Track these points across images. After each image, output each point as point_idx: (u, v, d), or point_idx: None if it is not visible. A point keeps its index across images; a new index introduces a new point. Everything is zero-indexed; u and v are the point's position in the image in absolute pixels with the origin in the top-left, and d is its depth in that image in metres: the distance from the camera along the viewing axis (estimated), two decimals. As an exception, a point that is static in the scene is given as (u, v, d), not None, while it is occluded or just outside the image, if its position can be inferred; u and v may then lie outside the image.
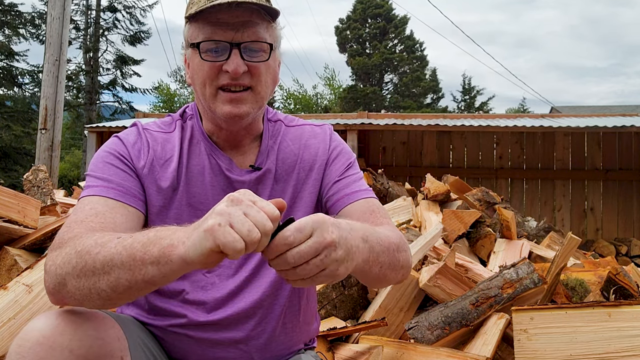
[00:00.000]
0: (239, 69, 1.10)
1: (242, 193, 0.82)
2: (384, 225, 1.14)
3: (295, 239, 0.79)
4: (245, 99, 1.14)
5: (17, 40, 17.28)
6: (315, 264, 0.80)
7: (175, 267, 0.82)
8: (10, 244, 2.27)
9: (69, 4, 6.92)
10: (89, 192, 1.11)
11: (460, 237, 3.20)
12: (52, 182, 5.15)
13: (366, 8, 31.06)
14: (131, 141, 1.19)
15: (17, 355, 0.87)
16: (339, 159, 1.27)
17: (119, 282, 0.86)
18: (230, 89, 1.13)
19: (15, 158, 15.20)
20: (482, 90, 33.62)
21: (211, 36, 1.11)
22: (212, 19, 1.10)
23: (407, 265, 1.12)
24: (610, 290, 2.11)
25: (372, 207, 1.20)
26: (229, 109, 1.13)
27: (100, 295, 0.89)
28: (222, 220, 0.77)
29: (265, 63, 1.14)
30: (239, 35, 1.10)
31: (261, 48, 1.13)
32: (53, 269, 0.93)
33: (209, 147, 1.22)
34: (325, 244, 0.80)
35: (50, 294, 0.95)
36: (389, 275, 1.05)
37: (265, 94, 1.18)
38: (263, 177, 1.22)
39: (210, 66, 1.12)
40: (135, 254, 0.84)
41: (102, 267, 0.87)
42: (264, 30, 1.13)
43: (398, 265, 1.07)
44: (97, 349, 0.92)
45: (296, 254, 0.79)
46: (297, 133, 1.30)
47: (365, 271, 0.97)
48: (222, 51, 1.11)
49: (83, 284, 0.89)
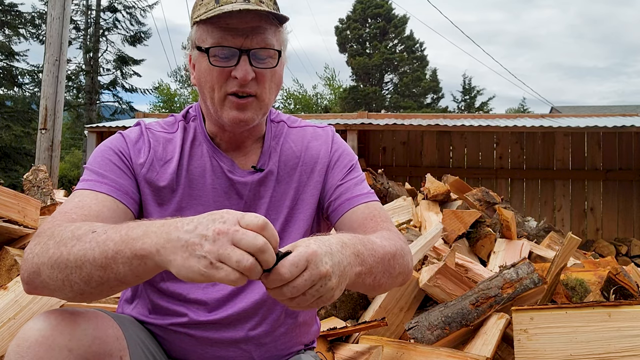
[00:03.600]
0: (247, 76, 1.10)
1: (224, 219, 0.78)
2: (383, 230, 1.15)
3: (292, 275, 0.80)
4: (250, 106, 1.14)
5: (17, 40, 17.29)
6: (311, 294, 0.82)
7: (149, 269, 0.84)
8: (10, 244, 2.27)
9: (69, 4, 6.92)
10: (83, 185, 1.12)
11: (460, 237, 3.20)
12: (52, 182, 5.15)
13: (366, 8, 31.06)
14: (133, 139, 1.20)
15: (16, 355, 0.87)
16: (341, 162, 1.28)
17: (92, 277, 0.87)
18: (237, 95, 1.13)
19: (15, 158, 15.20)
20: (482, 90, 33.62)
21: (220, 42, 1.10)
22: (221, 24, 1.10)
23: (405, 271, 1.12)
24: (610, 290, 2.11)
25: (373, 211, 1.20)
26: (235, 114, 1.14)
27: (73, 288, 0.89)
28: (212, 257, 0.76)
29: (271, 70, 1.15)
30: (248, 41, 1.10)
31: (269, 55, 1.14)
32: (30, 257, 0.93)
33: (211, 149, 1.22)
34: (320, 275, 0.82)
35: (24, 282, 0.95)
36: (385, 284, 1.06)
37: (270, 100, 1.19)
38: (265, 179, 1.23)
39: (219, 71, 1.12)
40: (107, 252, 0.84)
41: (75, 261, 0.87)
42: (272, 35, 1.14)
43: (394, 273, 1.07)
44: (96, 349, 0.92)
45: (293, 288, 0.80)
46: (300, 134, 1.30)
47: (357, 283, 0.99)
48: (231, 57, 1.11)
49: (57, 275, 0.88)
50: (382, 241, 1.06)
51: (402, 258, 1.10)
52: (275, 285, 0.81)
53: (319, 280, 0.82)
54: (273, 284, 0.81)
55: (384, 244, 1.05)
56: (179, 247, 0.78)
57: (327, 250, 0.85)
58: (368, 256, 0.98)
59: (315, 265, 0.81)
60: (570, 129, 6.36)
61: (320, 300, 0.84)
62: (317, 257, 0.82)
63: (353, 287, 1.02)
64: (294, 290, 0.80)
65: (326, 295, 0.84)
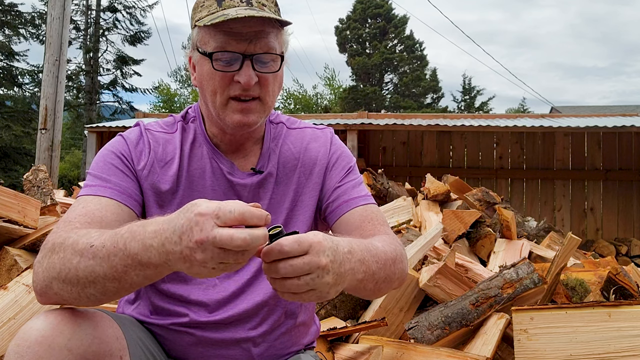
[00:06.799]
0: (251, 81, 1.10)
1: (200, 226, 0.78)
2: (380, 234, 1.15)
3: (291, 250, 0.81)
4: (254, 108, 1.14)
5: (17, 40, 17.30)
6: (305, 281, 0.82)
7: (163, 272, 0.87)
8: (10, 244, 2.27)
9: (69, 4, 6.92)
10: (86, 191, 1.12)
11: (460, 237, 3.20)
12: (52, 182, 5.15)
13: (366, 8, 31.06)
14: (134, 141, 1.20)
15: (16, 355, 0.87)
16: (339, 163, 1.28)
17: (107, 289, 0.89)
18: (240, 98, 1.13)
19: (15, 158, 15.21)
20: (482, 90, 33.65)
21: (224, 46, 1.10)
22: (224, 28, 1.09)
23: (402, 276, 1.13)
24: (610, 290, 2.11)
25: (370, 214, 1.20)
26: (239, 118, 1.14)
27: (90, 299, 0.92)
28: (211, 264, 0.78)
29: (274, 73, 1.15)
30: (251, 46, 1.10)
31: (272, 58, 1.13)
32: (40, 271, 0.94)
33: (211, 151, 1.22)
34: (318, 265, 0.82)
35: (37, 294, 0.96)
36: (384, 289, 1.07)
37: (273, 103, 1.19)
38: (264, 181, 1.23)
39: (222, 76, 1.12)
40: (116, 267, 0.86)
41: (86, 277, 0.88)
42: (275, 39, 1.13)
43: (394, 279, 1.08)
44: (96, 349, 0.92)
45: (289, 265, 0.81)
46: (299, 136, 1.30)
47: (359, 288, 0.99)
48: (234, 61, 1.11)
49: (71, 289, 0.91)
50: (383, 246, 1.06)
51: (401, 263, 1.11)
52: (273, 258, 0.81)
53: (316, 269, 0.82)
54: (271, 256, 0.81)
55: (385, 249, 1.05)
56: (179, 259, 0.80)
57: (332, 247, 0.85)
58: (372, 263, 0.98)
59: (317, 254, 0.82)
60: (570, 129, 6.35)
61: (314, 293, 0.84)
62: (321, 247, 0.83)
63: (354, 291, 1.02)
64: (289, 269, 0.80)
65: (321, 289, 0.83)
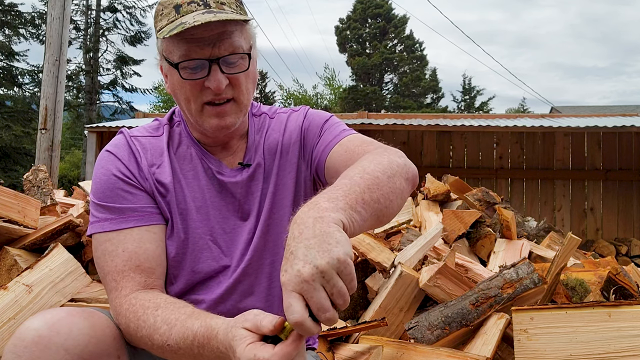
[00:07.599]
0: (221, 86, 1.09)
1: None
2: (367, 152, 1.05)
3: (296, 342, 0.77)
4: (229, 110, 1.13)
5: (17, 40, 17.32)
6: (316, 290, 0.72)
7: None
8: (10, 244, 2.27)
9: (69, 4, 6.92)
10: (110, 226, 1.09)
11: (460, 237, 3.19)
12: (52, 182, 5.15)
13: (366, 8, 31.07)
14: (125, 156, 1.16)
15: (13, 355, 0.86)
16: (313, 125, 1.26)
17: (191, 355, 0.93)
18: (214, 103, 1.12)
19: (15, 158, 15.22)
20: (482, 90, 33.67)
21: (188, 54, 1.08)
22: (186, 36, 1.07)
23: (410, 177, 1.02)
24: (610, 290, 2.11)
25: (348, 145, 1.14)
26: (216, 122, 1.13)
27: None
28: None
29: (245, 72, 1.13)
30: (216, 50, 1.08)
31: (239, 58, 1.12)
32: (125, 327, 1.02)
33: (200, 152, 1.22)
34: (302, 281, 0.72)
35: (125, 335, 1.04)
36: (394, 201, 0.95)
37: (248, 101, 1.17)
38: (254, 174, 1.22)
39: (192, 84, 1.10)
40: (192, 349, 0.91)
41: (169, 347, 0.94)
42: (239, 36, 1.11)
43: (397, 190, 0.96)
44: (93, 348, 0.92)
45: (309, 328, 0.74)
46: (278, 121, 1.30)
47: (372, 223, 0.90)
48: (200, 68, 1.09)
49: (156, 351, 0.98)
50: (372, 166, 0.95)
51: (399, 168, 0.99)
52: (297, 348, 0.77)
53: (309, 283, 0.72)
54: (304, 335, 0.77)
55: (373, 168, 0.94)
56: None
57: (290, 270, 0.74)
58: (368, 198, 0.87)
59: (288, 294, 0.73)
60: (570, 129, 6.35)
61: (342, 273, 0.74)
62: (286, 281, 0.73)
63: (368, 228, 0.90)
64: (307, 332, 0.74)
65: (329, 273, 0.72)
